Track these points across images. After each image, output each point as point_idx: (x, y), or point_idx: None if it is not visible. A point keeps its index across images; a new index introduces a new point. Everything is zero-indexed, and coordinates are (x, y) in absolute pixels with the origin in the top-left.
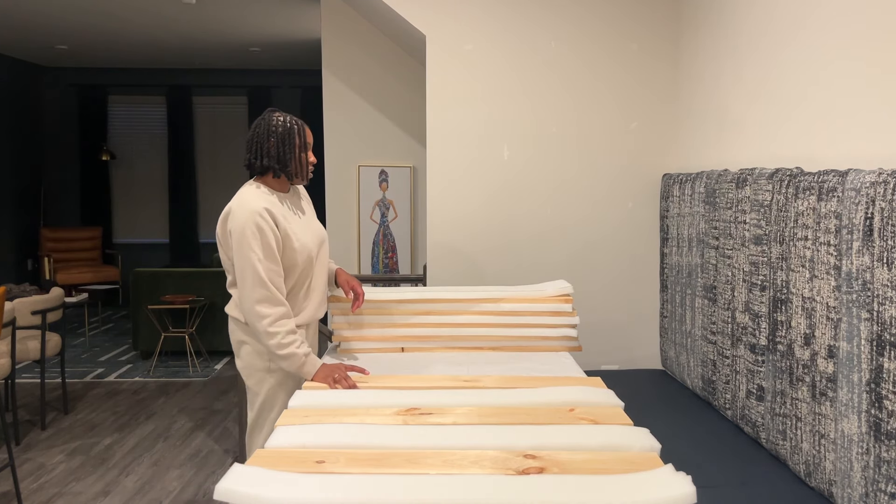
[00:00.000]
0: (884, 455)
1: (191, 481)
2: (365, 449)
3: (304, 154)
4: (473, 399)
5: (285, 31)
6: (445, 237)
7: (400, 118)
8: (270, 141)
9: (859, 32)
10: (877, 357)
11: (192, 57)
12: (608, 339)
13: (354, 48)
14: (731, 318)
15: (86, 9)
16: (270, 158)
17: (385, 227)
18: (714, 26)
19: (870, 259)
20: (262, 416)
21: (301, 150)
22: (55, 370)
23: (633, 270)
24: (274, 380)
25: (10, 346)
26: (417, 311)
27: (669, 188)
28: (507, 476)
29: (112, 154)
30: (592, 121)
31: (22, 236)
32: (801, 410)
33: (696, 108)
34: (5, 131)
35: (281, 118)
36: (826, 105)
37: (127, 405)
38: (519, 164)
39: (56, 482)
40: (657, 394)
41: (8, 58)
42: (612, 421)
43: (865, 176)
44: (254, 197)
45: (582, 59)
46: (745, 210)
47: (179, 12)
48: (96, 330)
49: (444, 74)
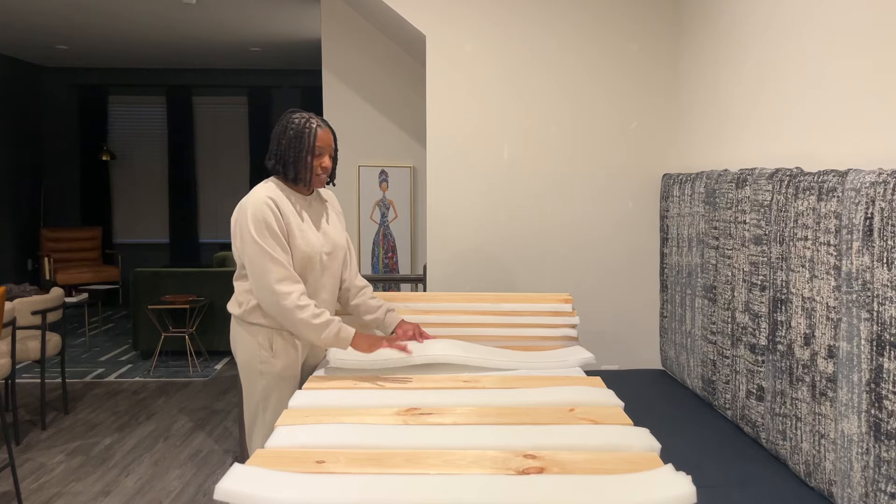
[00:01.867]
0: (884, 455)
1: (191, 481)
2: (365, 449)
3: (311, 157)
4: (473, 399)
5: (285, 31)
6: (445, 237)
7: (400, 118)
8: (282, 142)
9: (859, 32)
10: (877, 357)
11: (192, 57)
12: (608, 339)
13: (354, 48)
14: (730, 318)
15: (86, 9)
16: (278, 160)
17: (385, 227)
18: (714, 26)
19: (870, 259)
20: (256, 417)
21: (308, 154)
22: (55, 370)
23: (633, 270)
24: (266, 381)
25: (10, 346)
26: (418, 310)
27: (669, 188)
28: (507, 476)
29: (112, 154)
30: (592, 121)
31: (22, 236)
32: (801, 410)
33: (696, 108)
34: (5, 131)
35: (296, 119)
36: (826, 105)
37: (127, 405)
38: (519, 163)
39: (56, 482)
40: (657, 394)
41: (8, 58)
42: (612, 421)
43: (865, 176)
44: (263, 189)
45: (582, 60)
46: (745, 210)
47: (179, 12)
48: (96, 330)
49: (444, 74)
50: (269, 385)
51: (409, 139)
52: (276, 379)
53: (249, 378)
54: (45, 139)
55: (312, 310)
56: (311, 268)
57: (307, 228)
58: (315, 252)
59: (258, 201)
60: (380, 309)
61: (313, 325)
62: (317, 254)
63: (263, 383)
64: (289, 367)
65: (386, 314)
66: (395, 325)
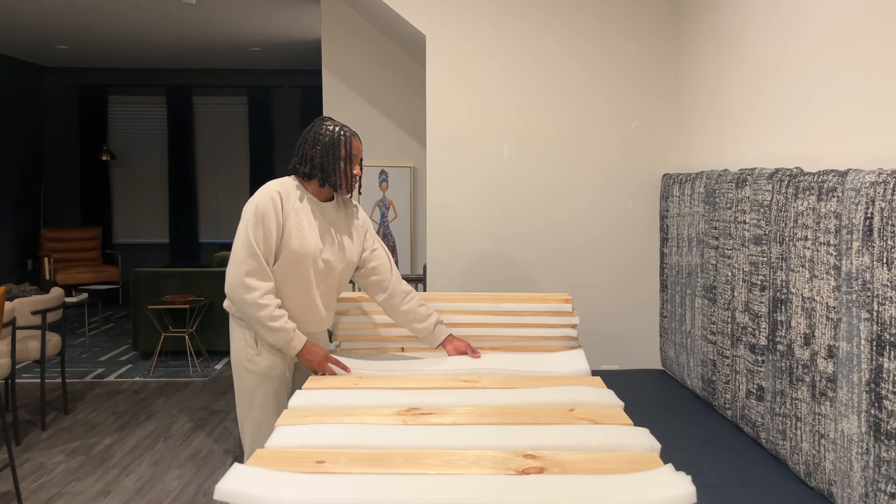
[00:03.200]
0: (883, 455)
1: (191, 481)
2: (365, 449)
3: (348, 166)
4: (473, 399)
5: (285, 31)
6: (445, 237)
7: (400, 118)
8: (316, 148)
9: (860, 32)
10: (876, 357)
11: (192, 57)
12: (608, 339)
13: (354, 48)
14: (730, 318)
15: (86, 9)
16: (314, 167)
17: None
18: (714, 26)
19: (869, 259)
20: (243, 415)
21: (345, 162)
22: (55, 370)
23: (632, 270)
24: (252, 379)
25: (10, 346)
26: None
27: (669, 188)
28: (507, 476)
29: (112, 154)
30: (592, 121)
31: (22, 236)
32: (800, 410)
33: (696, 108)
34: (5, 131)
35: (330, 127)
36: (826, 105)
37: (127, 405)
38: (519, 163)
39: (56, 482)
40: (657, 394)
41: (8, 58)
42: (612, 421)
43: (865, 176)
44: (276, 183)
45: (582, 60)
46: (745, 210)
47: (179, 12)
48: (96, 330)
49: (444, 74)
50: (254, 382)
51: (409, 139)
52: (260, 377)
53: (238, 374)
54: (45, 139)
55: (271, 311)
56: (302, 270)
57: (308, 230)
58: (309, 254)
59: (266, 193)
60: (429, 319)
61: (268, 326)
62: (310, 256)
63: (250, 381)
64: (273, 367)
65: (435, 326)
66: (444, 338)
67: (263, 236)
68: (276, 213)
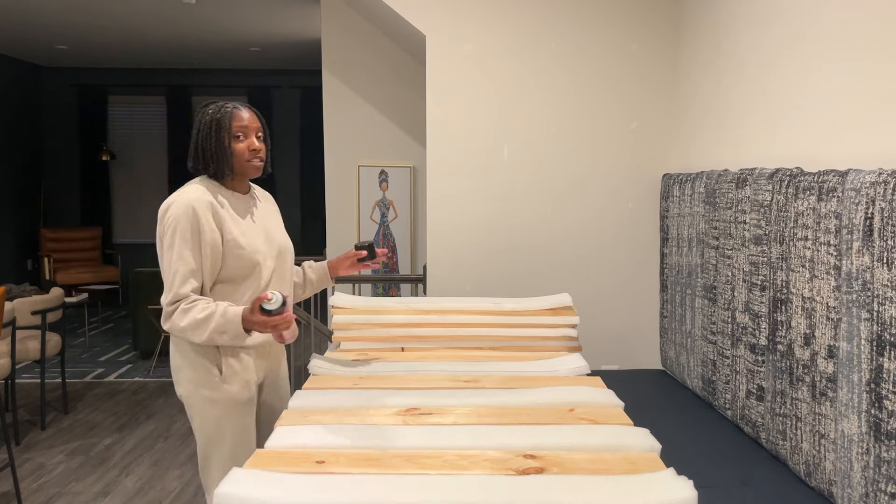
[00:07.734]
0: (884, 455)
1: (191, 481)
2: (365, 449)
3: (232, 142)
4: (473, 399)
5: (285, 31)
6: (445, 237)
7: (400, 118)
8: (199, 135)
9: (860, 32)
10: (877, 357)
11: (192, 57)
12: (608, 339)
13: (354, 48)
14: (731, 318)
15: (86, 9)
16: (208, 158)
17: (385, 227)
18: (714, 26)
19: (870, 259)
20: (210, 452)
21: (233, 139)
22: (55, 370)
23: (633, 270)
24: (218, 409)
25: (10, 346)
26: (418, 310)
27: (669, 188)
28: (507, 476)
29: (112, 154)
30: (592, 121)
31: (22, 236)
32: (801, 410)
33: (696, 108)
34: (5, 131)
35: (210, 109)
36: (826, 105)
37: (127, 405)
38: (519, 163)
39: (56, 482)
40: (657, 394)
41: (8, 58)
42: (612, 421)
43: (865, 176)
44: (193, 190)
45: (582, 59)
46: (745, 210)
47: (179, 12)
48: (96, 330)
49: (444, 74)
50: (222, 412)
51: (409, 139)
52: (231, 405)
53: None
54: (45, 139)
55: (203, 305)
56: (258, 274)
57: (250, 231)
58: (262, 256)
59: (181, 205)
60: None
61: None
62: (263, 257)
63: (216, 411)
64: (244, 388)
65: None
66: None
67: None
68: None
